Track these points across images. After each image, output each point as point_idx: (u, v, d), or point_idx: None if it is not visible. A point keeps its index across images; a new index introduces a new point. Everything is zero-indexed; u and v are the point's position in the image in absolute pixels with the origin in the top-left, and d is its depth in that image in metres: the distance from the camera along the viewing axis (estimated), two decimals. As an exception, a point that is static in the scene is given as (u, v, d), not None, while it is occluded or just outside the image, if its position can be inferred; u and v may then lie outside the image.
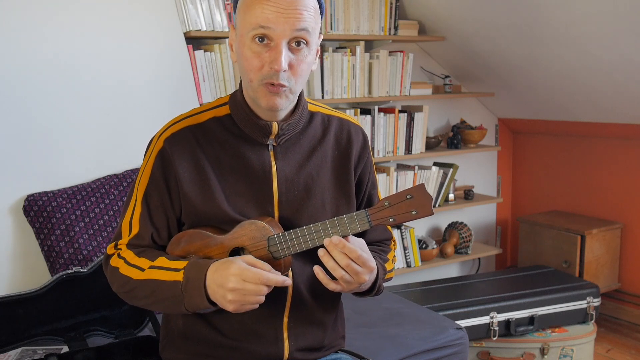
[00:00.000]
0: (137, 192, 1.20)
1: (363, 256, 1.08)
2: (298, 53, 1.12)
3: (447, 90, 3.46)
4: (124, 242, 1.20)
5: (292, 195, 1.20)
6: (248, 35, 1.10)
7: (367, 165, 1.31)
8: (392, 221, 1.09)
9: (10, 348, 1.68)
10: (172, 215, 1.19)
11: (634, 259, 3.29)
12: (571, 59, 2.89)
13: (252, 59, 1.10)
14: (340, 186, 1.25)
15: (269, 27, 1.07)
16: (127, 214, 1.21)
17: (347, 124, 1.30)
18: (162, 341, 1.30)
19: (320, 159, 1.24)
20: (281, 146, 1.21)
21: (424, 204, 1.08)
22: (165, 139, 1.18)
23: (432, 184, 3.30)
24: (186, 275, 1.10)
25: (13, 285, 2.00)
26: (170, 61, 2.39)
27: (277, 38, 1.09)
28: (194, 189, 1.16)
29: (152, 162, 1.18)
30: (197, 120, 1.20)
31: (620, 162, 3.30)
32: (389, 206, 1.09)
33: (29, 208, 1.98)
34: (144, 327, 1.86)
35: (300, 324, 1.23)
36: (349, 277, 1.09)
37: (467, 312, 2.60)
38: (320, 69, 2.87)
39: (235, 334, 1.19)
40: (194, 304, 1.09)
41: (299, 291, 1.21)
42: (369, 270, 1.11)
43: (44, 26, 2.10)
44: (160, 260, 1.15)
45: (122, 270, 1.17)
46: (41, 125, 2.08)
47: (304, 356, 1.24)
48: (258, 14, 1.08)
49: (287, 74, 1.11)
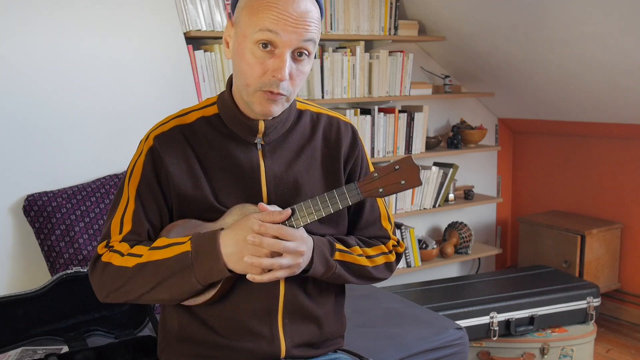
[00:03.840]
0: (128, 189, 1.19)
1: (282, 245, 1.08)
2: (299, 63, 1.12)
3: (447, 90, 3.46)
4: (117, 239, 1.17)
5: (280, 193, 1.21)
6: (252, 37, 1.09)
7: (358, 161, 1.31)
8: (381, 192, 1.09)
9: (10, 348, 1.68)
10: (165, 212, 1.19)
11: (634, 259, 3.29)
12: (571, 59, 2.89)
13: (255, 65, 1.10)
14: (330, 183, 1.26)
15: (277, 33, 1.07)
16: (117, 212, 1.19)
17: (336, 121, 1.30)
18: (160, 344, 1.30)
19: (309, 156, 1.24)
20: (269, 145, 1.22)
21: (412, 174, 1.08)
22: (154, 137, 1.19)
23: (432, 184, 3.30)
24: (195, 244, 1.10)
25: (13, 285, 2.01)
26: (170, 61, 2.39)
27: (283, 46, 1.08)
28: (184, 186, 1.17)
29: (142, 159, 1.18)
30: (185, 120, 1.21)
31: (620, 162, 3.30)
32: (378, 178, 1.09)
33: (29, 208, 1.98)
34: (144, 327, 1.86)
35: (295, 320, 1.23)
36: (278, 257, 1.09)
37: (467, 312, 2.60)
38: (320, 69, 2.87)
39: (232, 333, 1.19)
40: (206, 270, 1.09)
41: (290, 287, 1.22)
42: (299, 249, 1.10)
43: (44, 26, 2.10)
44: (159, 240, 1.14)
45: (116, 262, 1.13)
46: (41, 125, 2.08)
47: (302, 353, 1.24)
48: (267, 18, 1.06)
49: (287, 84, 1.11)
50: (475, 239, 3.77)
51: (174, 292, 1.12)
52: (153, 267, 1.11)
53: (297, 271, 1.13)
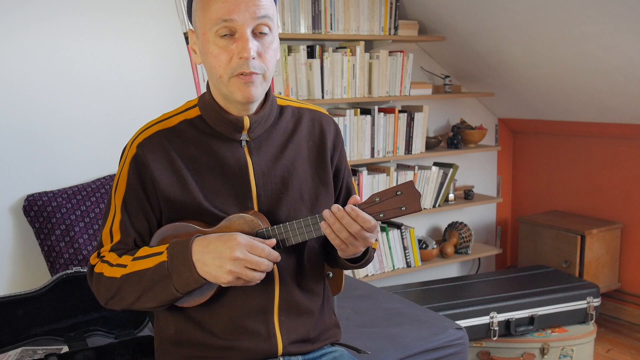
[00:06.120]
0: (114, 200, 1.20)
1: (374, 223, 1.11)
2: (263, 40, 1.13)
3: (447, 90, 3.46)
4: (106, 249, 1.20)
5: (269, 188, 1.21)
6: (211, 31, 1.11)
7: (342, 154, 1.33)
8: (382, 217, 1.11)
9: (10, 348, 1.68)
10: (152, 219, 1.20)
11: (634, 259, 3.29)
12: (571, 59, 2.89)
13: (220, 54, 1.11)
14: (318, 175, 1.27)
15: (231, 18, 1.09)
16: (107, 223, 1.21)
17: (318, 115, 1.31)
18: (157, 350, 1.29)
19: (295, 150, 1.25)
20: (254, 141, 1.22)
21: (413, 200, 1.10)
22: (137, 145, 1.19)
23: (432, 184, 3.30)
24: (170, 254, 1.11)
25: (13, 285, 2.01)
26: (170, 61, 2.39)
27: (241, 28, 1.10)
28: (172, 190, 1.17)
29: (127, 168, 1.19)
30: (167, 125, 1.21)
31: (620, 162, 3.30)
32: (379, 202, 1.11)
33: (29, 208, 1.98)
34: (144, 327, 1.86)
35: (290, 316, 1.23)
36: (355, 241, 1.12)
37: (467, 312, 2.60)
38: (320, 69, 2.87)
39: (228, 333, 1.19)
40: (183, 281, 1.10)
41: (285, 283, 1.22)
42: (375, 234, 1.14)
43: (44, 26, 2.10)
44: (141, 250, 1.16)
45: (106, 273, 1.17)
46: (41, 125, 2.08)
47: (298, 349, 1.24)
48: (218, 9, 1.09)
49: (257, 62, 1.12)
50: (475, 239, 3.77)
51: (159, 300, 1.14)
52: (136, 277, 1.13)
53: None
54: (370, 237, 1.12)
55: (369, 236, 1.12)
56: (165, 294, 1.12)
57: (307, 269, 1.26)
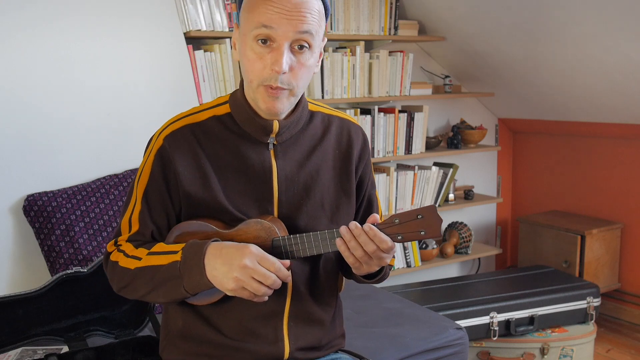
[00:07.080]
0: (137, 190, 1.20)
1: (390, 244, 1.09)
2: (300, 56, 1.11)
3: (447, 90, 3.46)
4: (124, 238, 1.20)
5: (291, 194, 1.20)
6: (250, 34, 1.10)
7: (367, 166, 1.31)
8: (400, 239, 1.09)
9: (10, 348, 1.68)
10: (172, 213, 1.19)
11: (634, 259, 3.29)
12: (571, 59, 2.89)
13: (254, 60, 1.10)
14: (341, 185, 1.25)
15: (272, 27, 1.07)
16: (127, 212, 1.21)
17: (347, 124, 1.30)
18: (162, 342, 1.29)
19: (321, 158, 1.24)
20: (281, 145, 1.21)
21: (433, 225, 1.08)
22: (164, 137, 1.18)
23: (432, 184, 3.30)
24: (184, 254, 1.11)
25: (13, 285, 2.01)
26: (170, 61, 2.39)
27: (280, 39, 1.08)
28: (194, 186, 1.16)
29: (151, 160, 1.18)
30: (196, 119, 1.20)
31: (620, 162, 3.30)
32: (399, 224, 1.08)
33: (29, 208, 1.98)
34: (144, 327, 1.86)
35: (300, 323, 1.23)
36: (369, 260, 1.10)
37: (467, 312, 2.60)
38: (320, 69, 2.87)
39: (236, 333, 1.19)
40: (193, 282, 1.10)
41: (298, 290, 1.21)
42: (391, 255, 1.12)
43: (44, 26, 2.10)
44: (158, 246, 1.16)
45: (121, 262, 1.17)
46: (41, 125, 2.08)
47: (304, 355, 1.24)
48: (262, 13, 1.07)
49: (287, 77, 1.10)
50: (475, 239, 3.77)
51: (169, 297, 1.15)
52: (149, 272, 1.13)
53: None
54: (385, 258, 1.10)
55: (385, 257, 1.10)
56: (175, 292, 1.13)
57: (321, 279, 1.25)
